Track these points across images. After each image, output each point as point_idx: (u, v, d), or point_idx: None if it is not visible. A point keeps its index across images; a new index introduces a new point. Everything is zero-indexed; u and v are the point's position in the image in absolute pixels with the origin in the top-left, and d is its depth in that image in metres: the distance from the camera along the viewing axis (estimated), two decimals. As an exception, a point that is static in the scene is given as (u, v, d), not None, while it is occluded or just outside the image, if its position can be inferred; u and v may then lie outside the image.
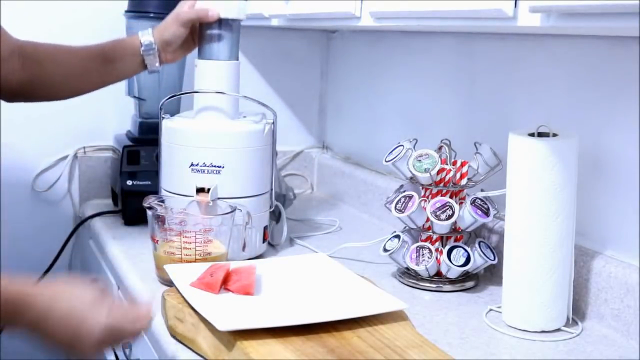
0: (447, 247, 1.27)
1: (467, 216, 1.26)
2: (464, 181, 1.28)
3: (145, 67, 1.37)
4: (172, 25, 1.36)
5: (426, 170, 1.26)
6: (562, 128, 1.11)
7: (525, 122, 1.29)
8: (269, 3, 1.55)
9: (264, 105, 1.39)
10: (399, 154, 1.30)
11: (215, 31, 1.36)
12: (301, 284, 1.16)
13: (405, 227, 1.33)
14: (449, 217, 1.24)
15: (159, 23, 1.66)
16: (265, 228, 1.41)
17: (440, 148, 1.30)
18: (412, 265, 1.27)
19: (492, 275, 1.33)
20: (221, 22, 1.36)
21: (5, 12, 1.74)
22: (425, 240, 1.30)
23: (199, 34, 1.38)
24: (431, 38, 1.59)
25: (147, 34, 1.36)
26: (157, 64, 1.37)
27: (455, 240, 1.30)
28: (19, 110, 1.64)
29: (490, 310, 1.18)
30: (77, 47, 1.33)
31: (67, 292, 0.92)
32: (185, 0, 1.38)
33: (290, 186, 1.67)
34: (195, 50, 1.41)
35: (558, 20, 0.86)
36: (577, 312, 1.16)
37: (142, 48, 1.35)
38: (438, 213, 1.25)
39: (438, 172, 1.27)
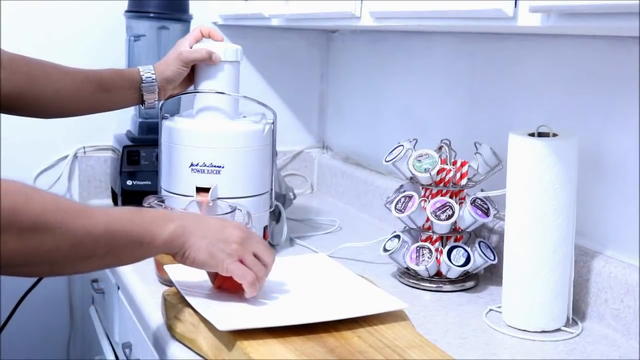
0: (447, 247, 1.27)
1: (467, 216, 1.26)
2: (464, 181, 1.28)
3: (141, 101, 1.36)
4: (174, 64, 1.36)
5: (426, 170, 1.26)
6: (562, 128, 1.11)
7: (525, 122, 1.29)
8: (269, 3, 1.55)
9: (264, 105, 1.39)
10: (399, 154, 1.30)
11: (213, 71, 1.37)
12: (301, 284, 1.16)
13: (405, 227, 1.33)
14: (449, 217, 1.24)
15: (159, 23, 1.68)
16: (265, 228, 1.41)
17: (440, 148, 1.30)
18: (412, 265, 1.27)
19: (492, 275, 1.33)
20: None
21: (5, 12, 1.74)
22: (425, 240, 1.30)
23: (195, 72, 1.39)
24: (431, 38, 1.59)
25: (148, 70, 1.35)
26: (154, 100, 1.37)
27: (455, 240, 1.30)
28: (19, 110, 1.64)
29: (490, 310, 1.18)
30: (74, 69, 1.31)
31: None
32: (184, 38, 1.39)
33: (290, 186, 1.67)
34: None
35: (558, 20, 0.86)
36: (577, 312, 1.16)
37: (143, 84, 1.34)
38: (438, 213, 1.25)
39: (438, 172, 1.27)
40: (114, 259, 0.95)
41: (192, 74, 1.39)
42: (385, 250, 1.32)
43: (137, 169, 1.63)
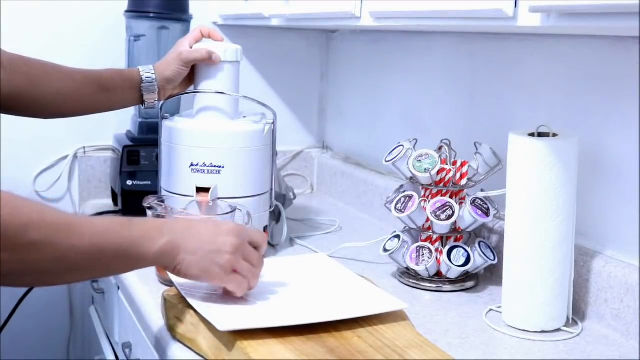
0: (447, 247, 1.27)
1: (467, 216, 1.26)
2: (464, 181, 1.28)
3: (141, 101, 1.36)
4: (173, 64, 1.36)
5: (426, 170, 1.26)
6: (562, 128, 1.11)
7: (525, 122, 1.29)
8: (269, 3, 1.55)
9: (264, 105, 1.39)
10: (399, 154, 1.30)
11: (213, 71, 1.37)
12: (301, 284, 1.16)
13: (405, 227, 1.33)
14: (449, 217, 1.24)
15: (159, 23, 1.68)
16: (265, 228, 1.41)
17: (440, 148, 1.30)
18: (412, 265, 1.27)
19: (492, 275, 1.33)
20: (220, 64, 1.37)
21: (5, 12, 1.74)
22: (425, 240, 1.30)
23: (195, 72, 1.39)
24: (431, 38, 1.59)
25: (148, 70, 1.35)
26: (154, 100, 1.37)
27: (455, 240, 1.30)
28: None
29: (490, 310, 1.18)
30: (74, 69, 1.32)
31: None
32: (184, 38, 1.39)
33: (290, 186, 1.67)
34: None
35: (558, 20, 0.86)
36: (577, 312, 1.16)
37: (143, 84, 1.34)
38: (438, 213, 1.25)
39: (438, 172, 1.27)
40: (101, 272, 0.95)
41: (192, 74, 1.39)
42: (385, 250, 1.32)
43: (137, 169, 1.63)
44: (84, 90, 1.31)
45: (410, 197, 1.29)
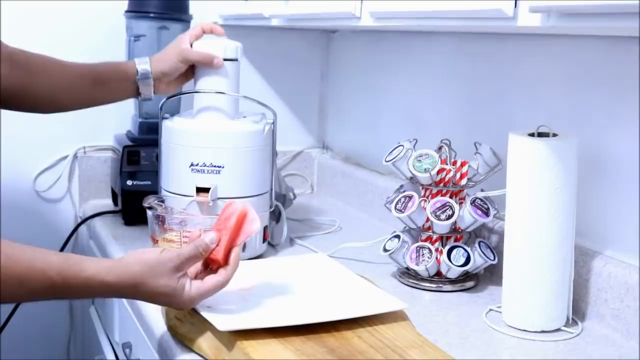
0: (447, 247, 1.27)
1: (467, 216, 1.26)
2: (464, 181, 1.28)
3: (137, 94, 1.37)
4: (172, 59, 1.36)
5: (426, 170, 1.26)
6: (562, 128, 1.11)
7: (525, 122, 1.29)
8: (269, 3, 1.55)
9: (264, 105, 1.39)
10: (399, 154, 1.30)
11: (213, 70, 1.37)
12: (301, 284, 1.16)
13: (405, 227, 1.33)
14: (449, 217, 1.24)
15: (159, 23, 1.68)
16: (265, 228, 1.41)
17: (440, 148, 1.30)
18: (412, 265, 1.28)
19: (492, 275, 1.33)
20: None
21: (5, 11, 1.74)
22: (425, 240, 1.30)
23: (195, 71, 1.39)
24: (431, 38, 1.59)
25: (144, 63, 1.36)
26: (151, 93, 1.37)
27: (455, 240, 1.30)
28: (19, 110, 1.64)
29: (490, 310, 1.18)
30: (70, 63, 1.32)
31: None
32: (185, 34, 1.39)
33: (290, 186, 1.67)
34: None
35: (558, 20, 0.86)
36: (577, 312, 1.16)
37: (138, 76, 1.35)
38: (438, 213, 1.25)
39: (438, 172, 1.27)
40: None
41: (189, 70, 1.39)
42: (385, 250, 1.32)
43: (137, 169, 1.63)
44: (79, 83, 1.32)
45: (410, 197, 1.29)
